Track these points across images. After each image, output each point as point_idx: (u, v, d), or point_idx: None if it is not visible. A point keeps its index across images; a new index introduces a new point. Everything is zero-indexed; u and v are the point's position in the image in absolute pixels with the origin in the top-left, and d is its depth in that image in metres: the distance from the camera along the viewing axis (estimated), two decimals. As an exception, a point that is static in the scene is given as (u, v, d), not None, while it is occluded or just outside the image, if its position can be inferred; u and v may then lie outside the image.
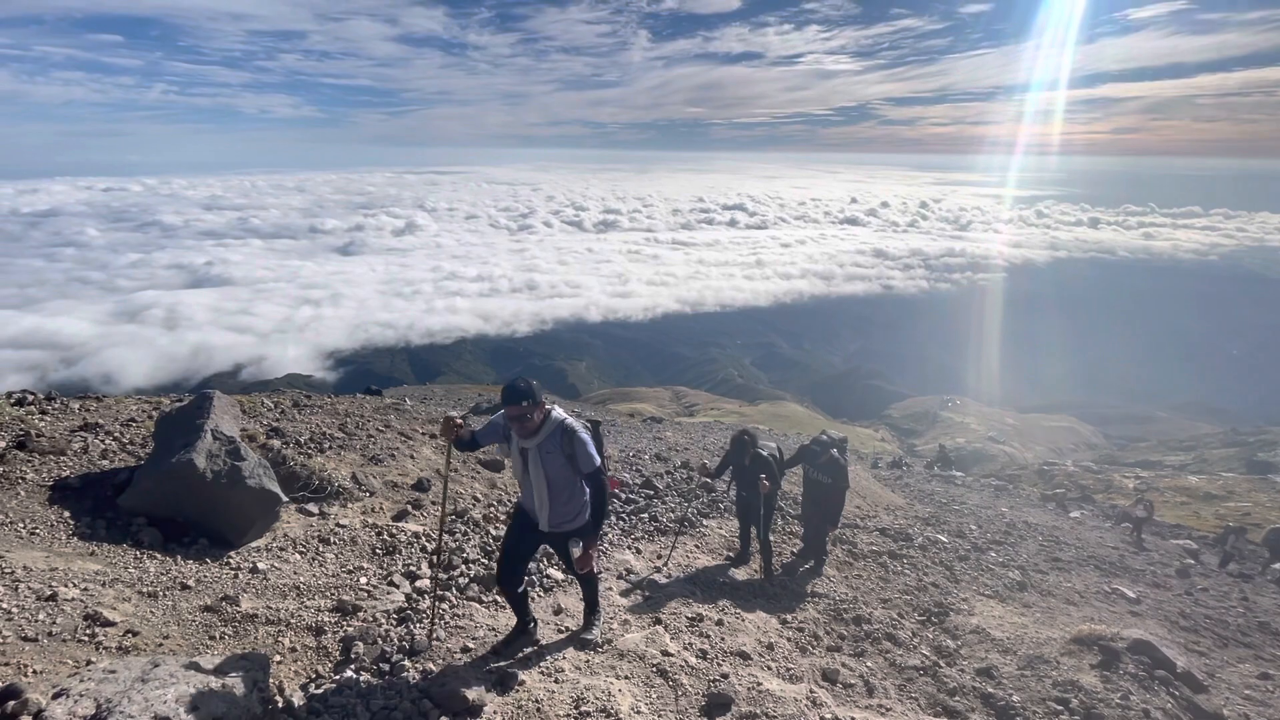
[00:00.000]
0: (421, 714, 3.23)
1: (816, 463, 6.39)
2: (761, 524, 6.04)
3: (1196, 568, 12.97)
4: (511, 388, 3.40)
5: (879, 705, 4.12)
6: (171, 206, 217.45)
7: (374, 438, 7.63)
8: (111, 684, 2.41)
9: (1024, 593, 7.95)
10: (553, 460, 3.52)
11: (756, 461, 5.99)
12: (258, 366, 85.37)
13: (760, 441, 6.31)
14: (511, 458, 3.68)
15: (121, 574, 3.96)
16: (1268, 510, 22.59)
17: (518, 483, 3.82)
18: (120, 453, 5.47)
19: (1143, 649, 5.20)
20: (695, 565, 6.08)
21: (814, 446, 6.49)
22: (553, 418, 3.51)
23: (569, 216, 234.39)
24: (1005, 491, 19.34)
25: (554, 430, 3.51)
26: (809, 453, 6.54)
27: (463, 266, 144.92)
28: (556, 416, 3.53)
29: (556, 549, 3.92)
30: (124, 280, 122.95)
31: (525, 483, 3.66)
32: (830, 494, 6.40)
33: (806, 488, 6.74)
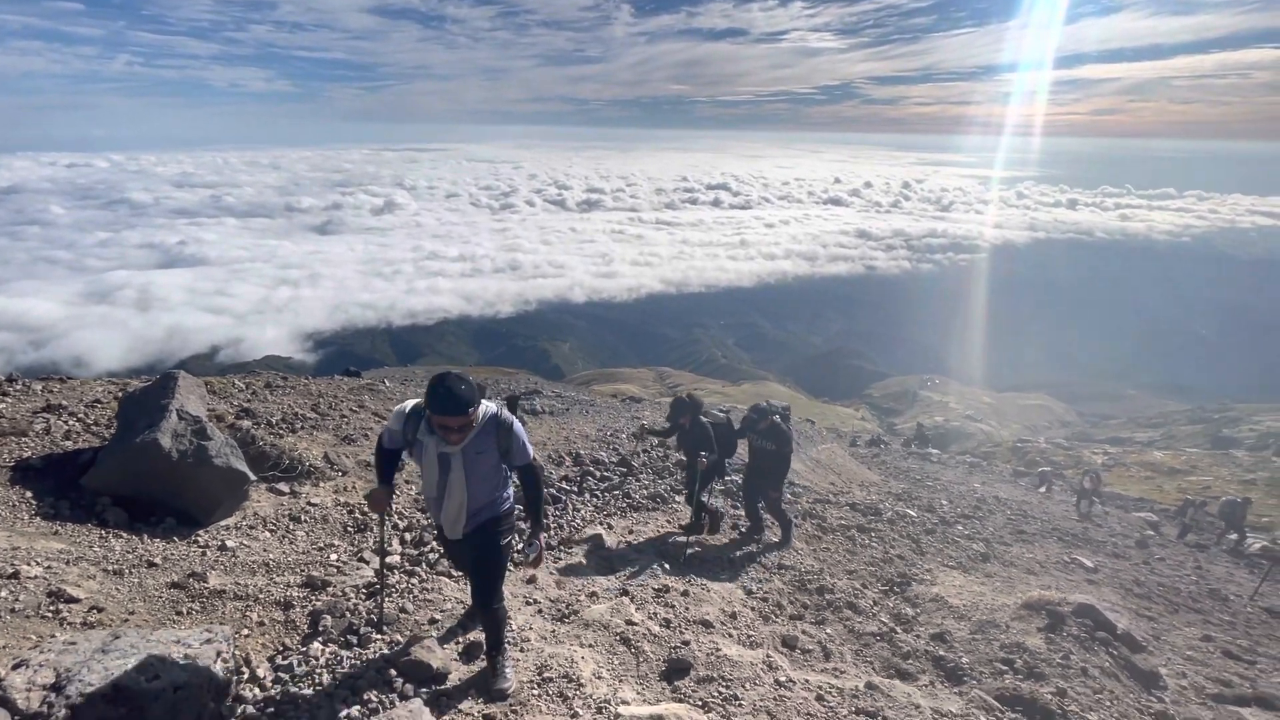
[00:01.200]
0: (386, 682, 3.32)
1: (757, 429, 6.40)
2: (696, 486, 6.25)
3: (1155, 539, 13.49)
4: (451, 396, 2.73)
5: (834, 668, 4.29)
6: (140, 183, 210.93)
7: (347, 418, 7.63)
8: (71, 655, 2.45)
9: (987, 563, 8.24)
10: (484, 460, 3.01)
11: (696, 428, 6.11)
12: (235, 348, 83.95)
13: (708, 410, 6.45)
14: (423, 465, 3.01)
15: (86, 552, 3.98)
16: (1227, 484, 23.46)
17: (426, 495, 3.15)
18: (84, 434, 5.43)
19: (1086, 612, 5.45)
20: (667, 540, 6.21)
21: (753, 414, 6.47)
22: (480, 415, 2.93)
23: (552, 195, 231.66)
24: (979, 468, 19.85)
25: (485, 427, 2.96)
26: (750, 420, 6.55)
27: (444, 246, 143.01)
28: (487, 410, 2.99)
29: (470, 547, 3.22)
30: (93, 260, 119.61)
31: (439, 494, 3.03)
32: (774, 460, 6.40)
33: (751, 458, 6.74)
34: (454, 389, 2.76)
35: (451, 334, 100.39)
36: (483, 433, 2.95)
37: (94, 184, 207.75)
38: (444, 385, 2.77)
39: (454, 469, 2.94)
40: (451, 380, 2.79)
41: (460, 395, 2.75)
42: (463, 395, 2.75)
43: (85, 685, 2.30)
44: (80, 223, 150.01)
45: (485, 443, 2.97)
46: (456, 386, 2.77)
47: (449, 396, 2.75)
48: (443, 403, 2.74)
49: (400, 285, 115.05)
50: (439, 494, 3.02)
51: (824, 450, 14.61)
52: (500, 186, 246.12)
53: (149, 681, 2.42)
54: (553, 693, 3.35)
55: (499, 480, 3.15)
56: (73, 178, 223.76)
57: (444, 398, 2.75)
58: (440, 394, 2.76)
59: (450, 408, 2.74)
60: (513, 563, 4.71)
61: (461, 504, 3.01)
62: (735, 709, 3.48)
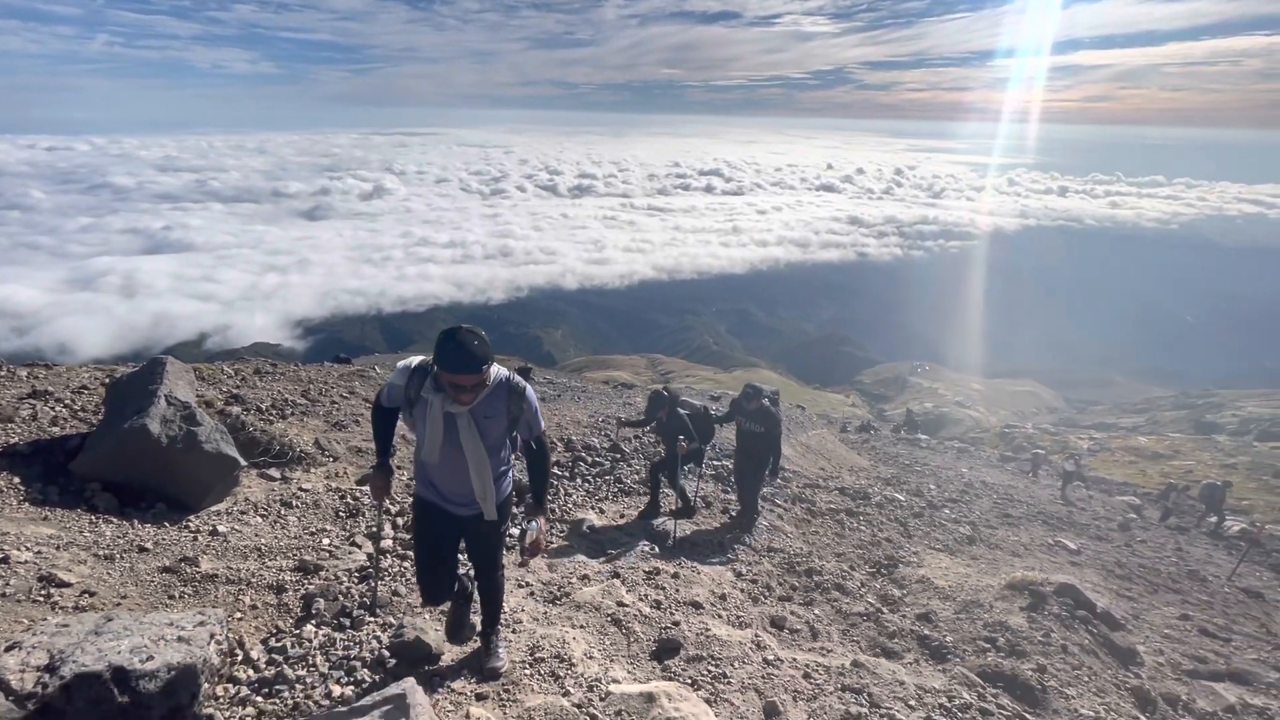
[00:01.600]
0: (380, 663, 3.36)
1: (746, 411, 6.36)
2: (671, 473, 6.37)
3: (1138, 522, 13.75)
4: (464, 352, 2.45)
5: (821, 648, 4.38)
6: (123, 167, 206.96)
7: (338, 404, 7.62)
8: (65, 637, 2.47)
9: (972, 546, 8.38)
10: (492, 426, 2.74)
11: (674, 419, 6.15)
12: (223, 335, 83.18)
13: (684, 400, 6.49)
14: (426, 428, 2.69)
15: (76, 538, 3.97)
16: (1209, 468, 23.89)
17: (426, 461, 2.80)
18: (71, 420, 5.40)
19: (1067, 592, 5.58)
20: (656, 523, 6.28)
21: (742, 397, 6.42)
22: (491, 376, 2.66)
23: (543, 181, 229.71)
24: (967, 453, 20.10)
25: (496, 390, 2.71)
26: (738, 405, 6.50)
27: (434, 232, 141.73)
28: (498, 373, 2.73)
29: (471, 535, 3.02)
30: (76, 245, 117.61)
31: (444, 459, 2.74)
32: (764, 443, 6.34)
33: (739, 441, 6.65)
34: (467, 344, 2.45)
35: (442, 320, 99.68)
36: (493, 396, 2.70)
37: (75, 168, 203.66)
38: (456, 340, 2.46)
39: (462, 432, 2.66)
40: (464, 335, 2.47)
41: (474, 351, 2.45)
42: (476, 351, 2.46)
43: (79, 666, 2.31)
44: (62, 207, 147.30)
45: (495, 407, 2.72)
46: (470, 342, 2.46)
47: (462, 352, 2.44)
48: (455, 359, 2.44)
49: (390, 271, 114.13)
50: (441, 459, 2.73)
51: (814, 436, 14.74)
52: (491, 172, 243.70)
53: (143, 662, 2.43)
54: (545, 672, 3.40)
55: (502, 455, 2.91)
56: (53, 161, 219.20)
57: (456, 353, 2.44)
58: (451, 349, 2.45)
59: (463, 364, 2.44)
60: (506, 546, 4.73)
61: (482, 472, 2.73)
62: (724, 686, 3.55)
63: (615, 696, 3.13)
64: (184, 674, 2.53)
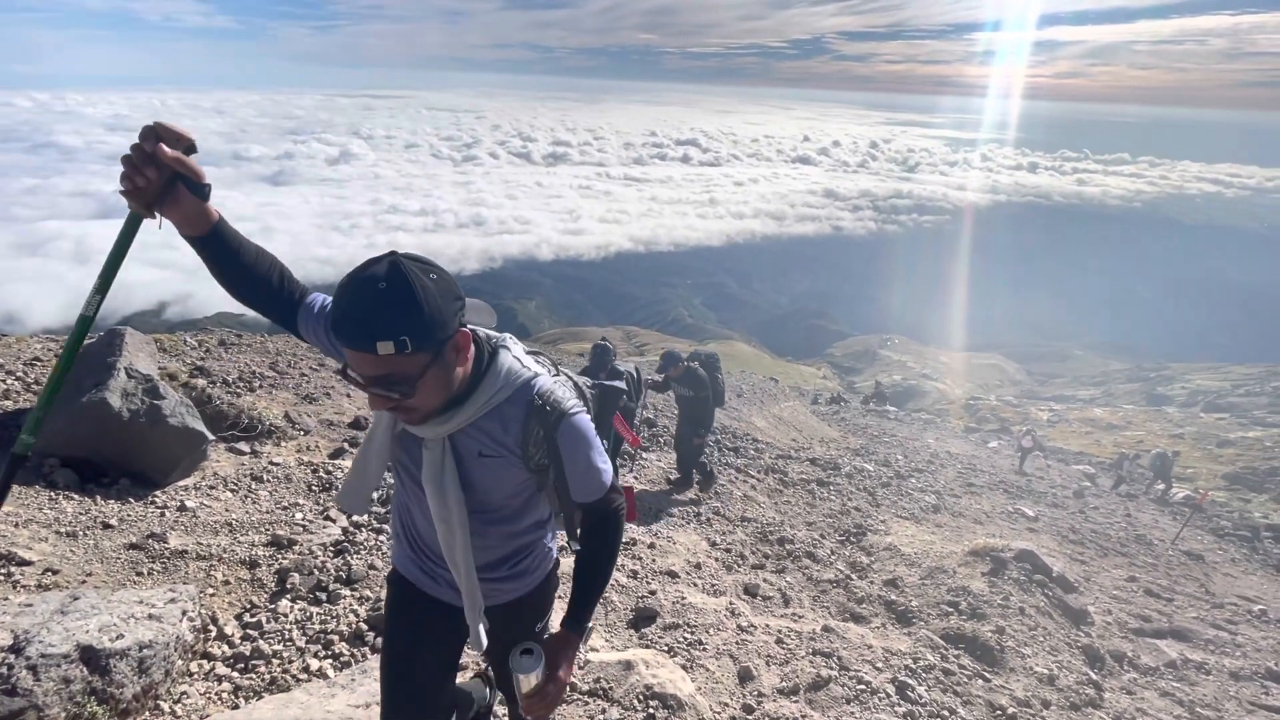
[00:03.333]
0: (358, 636, 3.36)
1: (672, 376, 6.42)
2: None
3: (1091, 490, 14.38)
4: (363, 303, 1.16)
5: (793, 614, 4.52)
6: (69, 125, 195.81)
7: (307, 376, 7.45)
8: (29, 616, 2.41)
9: (937, 514, 8.68)
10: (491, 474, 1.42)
11: (613, 376, 6.11)
12: (184, 305, 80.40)
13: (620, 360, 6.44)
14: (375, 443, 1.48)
15: (35, 515, 3.85)
16: (1159, 438, 25.01)
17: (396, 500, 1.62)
18: (25, 393, 5.18)
19: (1026, 558, 5.84)
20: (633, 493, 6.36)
21: (662, 360, 6.48)
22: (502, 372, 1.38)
23: (516, 148, 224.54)
24: (933, 425, 20.67)
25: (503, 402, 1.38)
26: (661, 370, 6.50)
27: (404, 199, 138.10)
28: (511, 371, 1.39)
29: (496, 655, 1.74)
30: (21, 209, 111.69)
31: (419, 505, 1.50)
32: (693, 405, 6.42)
33: (679, 407, 6.76)
34: (371, 290, 1.17)
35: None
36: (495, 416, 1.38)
37: (16, 125, 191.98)
38: (358, 280, 1.20)
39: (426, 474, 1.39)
40: (380, 269, 1.19)
41: (387, 303, 1.15)
42: (392, 304, 1.15)
43: (46, 646, 2.26)
44: (4, 167, 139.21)
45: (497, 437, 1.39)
46: (368, 285, 1.17)
47: (359, 303, 1.17)
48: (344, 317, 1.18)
49: (359, 240, 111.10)
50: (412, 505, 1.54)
51: (787, 408, 14.97)
52: (462, 137, 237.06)
53: (113, 641, 2.39)
54: (523, 642, 3.45)
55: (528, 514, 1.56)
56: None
57: (348, 305, 1.18)
58: (344, 297, 1.20)
59: (356, 331, 1.17)
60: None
61: (462, 548, 1.43)
62: (699, 653, 3.64)
63: (594, 664, 3.20)
64: (156, 652, 2.50)
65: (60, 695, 2.24)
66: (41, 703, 2.17)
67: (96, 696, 2.31)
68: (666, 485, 6.85)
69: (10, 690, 2.16)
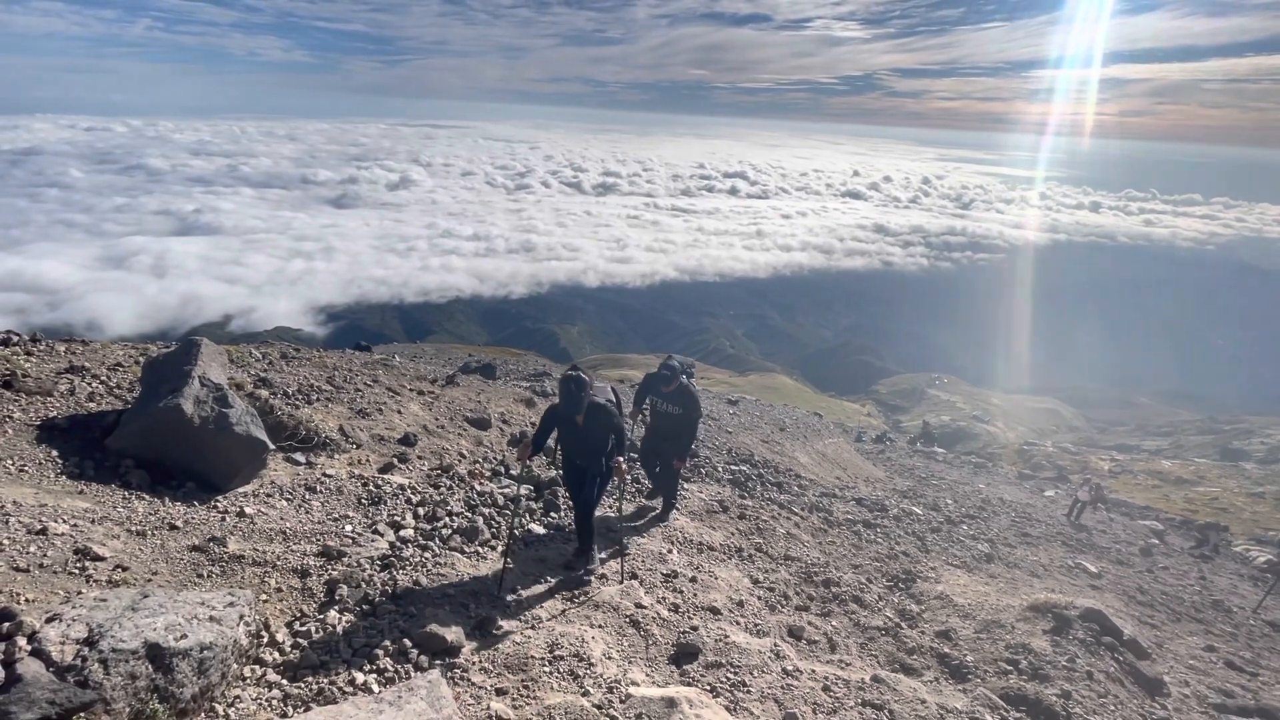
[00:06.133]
0: (401, 653, 3.39)
1: (662, 392, 5.69)
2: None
3: (1160, 547, 13.42)
4: None
5: (839, 660, 4.33)
6: (158, 150, 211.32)
7: (361, 392, 7.70)
8: (103, 611, 2.52)
9: (991, 564, 8.24)
10: None
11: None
12: (247, 318, 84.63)
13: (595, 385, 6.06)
14: None
15: (110, 512, 4.06)
16: (1235, 495, 23.27)
17: None
18: (107, 396, 5.52)
19: (1093, 617, 5.45)
20: (674, 525, 6.25)
21: (663, 371, 5.66)
22: None
23: (567, 177, 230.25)
24: (984, 469, 19.78)
25: None
26: (653, 383, 5.77)
27: (458, 224, 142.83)
28: None
29: None
30: (110, 224, 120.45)
31: None
32: (680, 425, 5.72)
33: (653, 423, 5.94)
34: None
35: (461, 313, 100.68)
36: None
37: (112, 148, 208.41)
38: None
39: None
40: None
41: None
42: None
43: (118, 641, 2.36)
44: (98, 187, 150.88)
45: None
46: None
47: None
48: None
49: (414, 262, 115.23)
50: None
51: (830, 444, 14.61)
52: (516, 166, 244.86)
53: (178, 640, 2.48)
54: (564, 671, 3.40)
55: None
56: (91, 141, 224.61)
57: None
58: None
59: None
60: None
61: None
62: (743, 695, 3.52)
63: (636, 699, 3.13)
64: (215, 654, 2.57)
65: (126, 690, 2.32)
66: (109, 696, 2.25)
67: (159, 694, 2.39)
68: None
69: (83, 682, 2.25)
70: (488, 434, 7.65)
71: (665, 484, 6.10)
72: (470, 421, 7.79)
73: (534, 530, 5.34)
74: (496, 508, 5.62)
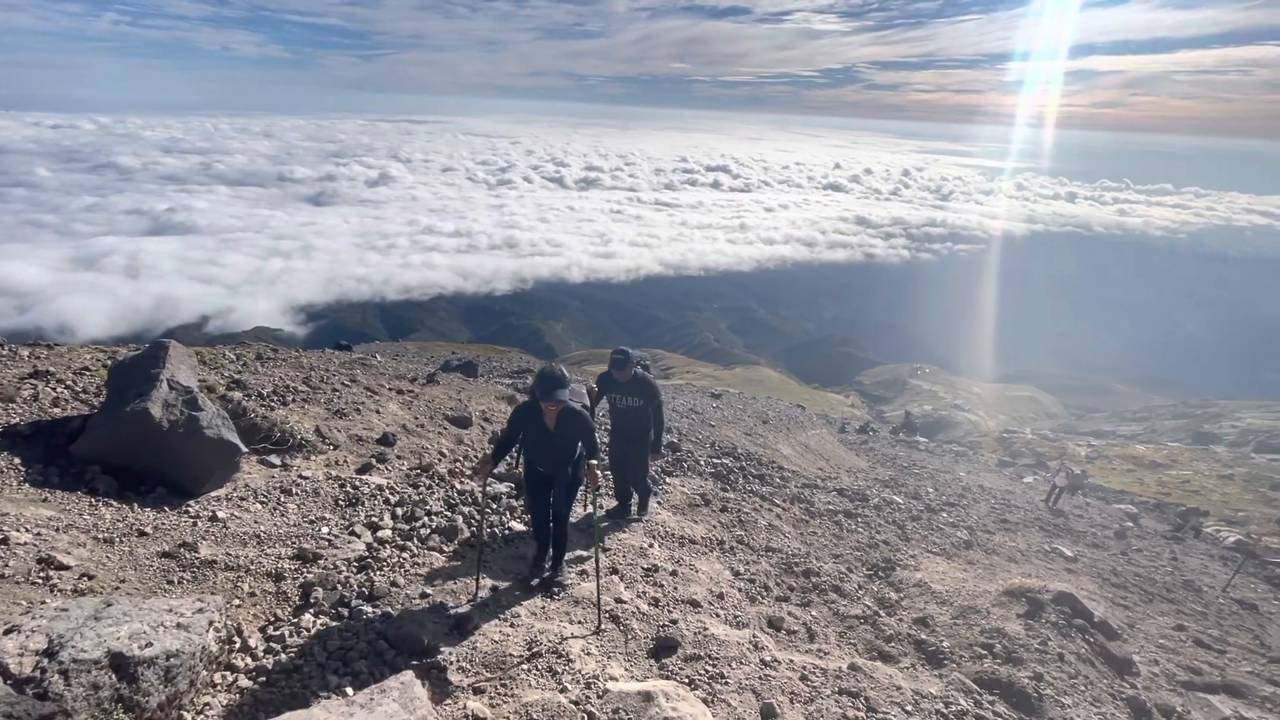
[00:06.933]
0: (378, 654, 3.36)
1: (619, 385, 5.37)
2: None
3: (1134, 530, 13.74)
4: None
5: (818, 649, 4.38)
6: (128, 147, 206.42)
7: (339, 392, 7.60)
8: (64, 621, 2.46)
9: (969, 551, 8.38)
10: None
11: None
12: (225, 319, 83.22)
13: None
14: None
15: (76, 520, 3.97)
16: (1205, 478, 23.88)
17: None
18: (73, 401, 5.39)
19: (1065, 601, 5.57)
20: (655, 520, 6.27)
21: (615, 356, 5.30)
22: None
23: (550, 172, 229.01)
24: (965, 457, 20.08)
25: None
26: (608, 378, 5.44)
27: (440, 221, 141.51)
28: None
29: None
30: (80, 225, 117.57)
31: None
32: (645, 419, 5.40)
33: (613, 420, 5.60)
34: None
35: (444, 310, 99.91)
36: None
37: (80, 146, 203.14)
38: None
39: None
40: None
41: None
42: None
43: (78, 651, 2.31)
44: (66, 186, 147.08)
45: None
46: None
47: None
48: None
49: (395, 259, 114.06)
50: None
51: (813, 436, 14.74)
52: (497, 162, 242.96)
53: (142, 649, 2.43)
54: (542, 668, 3.40)
55: None
56: (58, 139, 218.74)
57: None
58: None
59: None
60: None
61: None
62: (721, 686, 3.55)
63: (613, 694, 3.13)
64: (183, 661, 2.53)
65: (89, 701, 2.28)
66: (70, 708, 2.21)
67: (123, 704, 2.35)
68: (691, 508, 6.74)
69: (42, 694, 2.20)
70: (469, 432, 7.61)
71: (638, 485, 5.91)
72: (451, 420, 7.74)
73: (514, 527, 5.32)
74: (477, 506, 5.59)
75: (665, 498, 6.98)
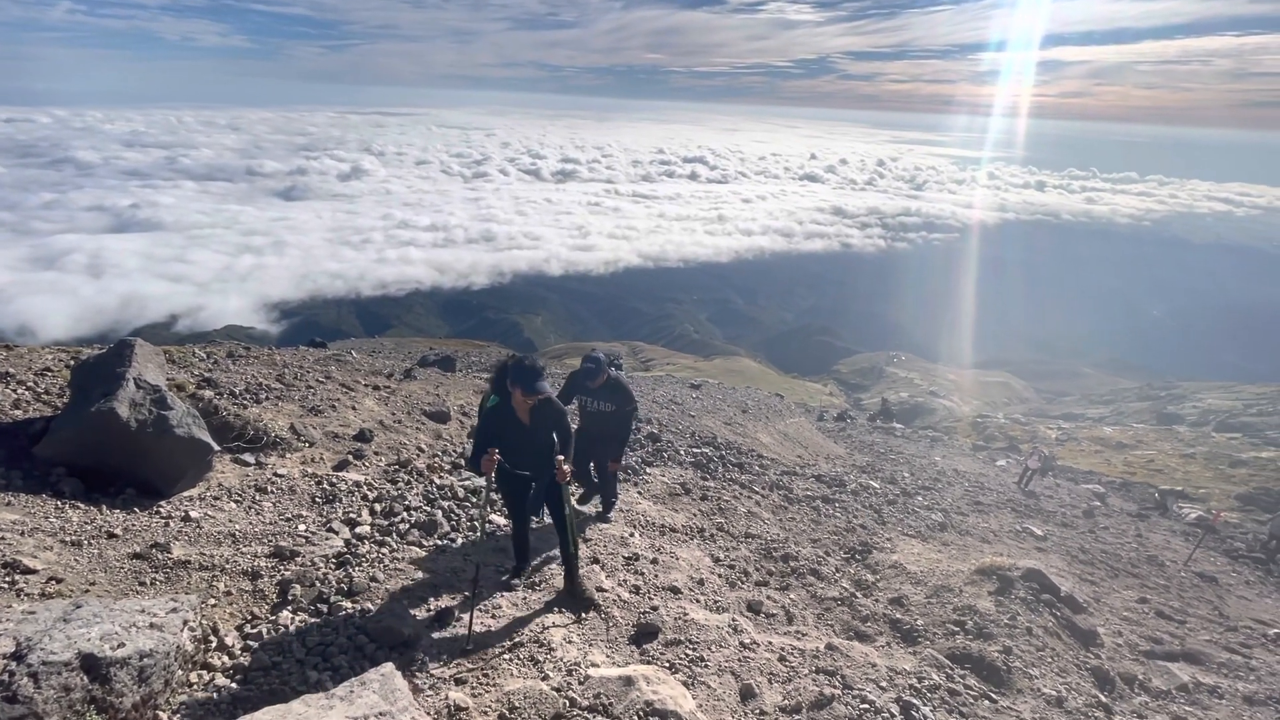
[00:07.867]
0: (357, 648, 3.35)
1: (590, 389, 5.14)
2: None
3: (1101, 509, 14.18)
4: None
5: (796, 631, 4.47)
6: (87, 141, 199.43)
7: (314, 389, 7.50)
8: (31, 624, 2.42)
9: (944, 532, 8.59)
10: None
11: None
12: (194, 318, 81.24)
13: None
14: None
15: (41, 523, 3.88)
16: (1169, 457, 24.70)
17: None
18: (35, 402, 5.25)
19: (1034, 577, 5.76)
20: (636, 509, 6.32)
21: (586, 365, 5.09)
22: None
23: (526, 165, 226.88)
24: (940, 442, 20.49)
25: None
26: (577, 382, 5.23)
27: (415, 215, 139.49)
28: None
29: None
30: (38, 222, 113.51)
31: None
32: (614, 423, 5.17)
33: (583, 423, 5.34)
34: None
35: (421, 305, 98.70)
36: None
37: (36, 141, 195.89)
38: None
39: None
40: None
41: None
42: None
43: (47, 654, 2.27)
44: (23, 182, 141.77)
45: None
46: None
47: None
48: None
49: (370, 254, 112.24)
50: None
51: (792, 424, 14.91)
52: (472, 154, 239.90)
53: (114, 649, 2.40)
54: (524, 657, 3.42)
55: None
56: (12, 134, 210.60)
57: None
58: None
59: None
60: None
61: None
62: (701, 669, 3.61)
63: (594, 680, 3.17)
64: (156, 661, 2.50)
65: (60, 703, 2.24)
66: (41, 710, 2.18)
67: (96, 705, 2.32)
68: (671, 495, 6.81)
69: (10, 698, 2.17)
70: (447, 427, 7.56)
71: (603, 486, 5.71)
72: (428, 415, 7.68)
73: (495, 520, 5.33)
74: (456, 500, 5.58)
75: (645, 487, 7.03)
